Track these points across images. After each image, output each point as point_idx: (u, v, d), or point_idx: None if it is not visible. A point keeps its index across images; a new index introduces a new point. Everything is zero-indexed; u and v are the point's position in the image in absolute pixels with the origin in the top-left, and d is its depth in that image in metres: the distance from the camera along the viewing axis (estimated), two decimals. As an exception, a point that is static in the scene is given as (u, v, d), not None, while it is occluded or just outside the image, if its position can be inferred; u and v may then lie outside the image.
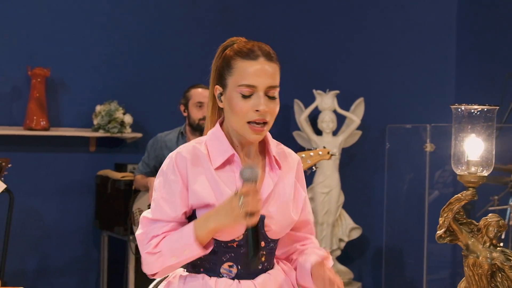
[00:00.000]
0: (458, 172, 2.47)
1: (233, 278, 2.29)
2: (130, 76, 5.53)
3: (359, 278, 6.02)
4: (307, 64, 6.08)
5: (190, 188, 2.25)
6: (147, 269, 2.26)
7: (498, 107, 2.46)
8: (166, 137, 4.65)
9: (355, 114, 5.85)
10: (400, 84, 6.17)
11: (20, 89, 5.24)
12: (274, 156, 2.37)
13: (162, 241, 2.22)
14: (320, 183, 5.75)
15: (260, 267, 2.33)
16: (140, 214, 4.73)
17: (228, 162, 2.30)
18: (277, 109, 2.31)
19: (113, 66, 5.50)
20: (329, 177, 5.73)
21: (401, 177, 5.51)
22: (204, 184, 2.24)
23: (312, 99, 5.85)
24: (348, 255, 6.01)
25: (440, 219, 2.52)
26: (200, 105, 4.51)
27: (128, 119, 5.35)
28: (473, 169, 2.44)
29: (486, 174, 2.45)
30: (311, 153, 4.35)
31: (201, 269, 2.30)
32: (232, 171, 2.29)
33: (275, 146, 2.41)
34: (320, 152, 4.34)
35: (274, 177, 2.34)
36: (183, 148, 2.30)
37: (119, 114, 5.31)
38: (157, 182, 2.30)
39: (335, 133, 5.86)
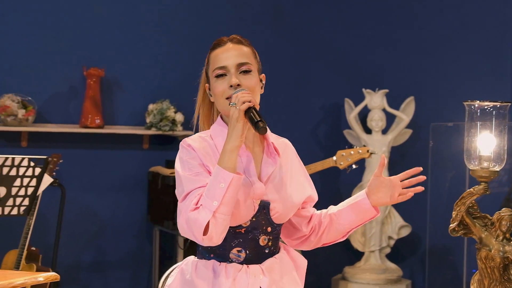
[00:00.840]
0: (470, 167, 2.54)
1: (241, 263, 2.42)
2: (182, 76, 5.69)
3: (409, 276, 6.05)
4: (357, 63, 6.14)
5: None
6: (196, 228, 2.26)
7: (510, 103, 2.50)
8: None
9: (405, 113, 5.88)
10: (451, 82, 6.16)
11: (76, 88, 5.45)
12: (272, 143, 2.52)
13: (201, 197, 2.30)
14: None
15: (267, 251, 2.46)
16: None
17: None
18: (253, 83, 2.46)
19: (165, 66, 5.67)
20: (378, 175, 5.77)
21: (444, 176, 5.52)
22: (211, 165, 2.37)
23: (362, 98, 5.91)
24: (397, 252, 6.05)
25: (453, 212, 2.59)
26: None
27: (179, 117, 5.50)
28: (485, 164, 2.50)
29: (498, 169, 2.51)
30: (351, 152, 4.44)
31: (211, 255, 2.43)
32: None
33: (274, 138, 2.57)
34: (360, 151, 4.43)
35: (273, 163, 2.49)
36: (191, 137, 2.47)
37: (171, 112, 5.47)
38: (176, 174, 2.41)
39: (384, 131, 5.90)
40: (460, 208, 2.54)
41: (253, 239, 2.42)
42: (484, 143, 2.50)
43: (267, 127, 2.32)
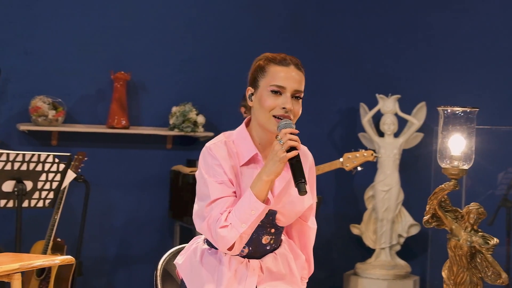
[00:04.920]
0: (442, 165, 2.83)
1: (244, 257, 2.67)
2: (204, 80, 6.01)
3: (416, 272, 6.31)
4: (372, 69, 6.40)
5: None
6: (223, 244, 2.53)
7: (478, 109, 2.78)
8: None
9: (417, 118, 6.15)
10: (461, 88, 6.41)
11: (104, 91, 5.79)
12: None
13: (229, 214, 2.52)
14: (381, 181, 6.08)
15: (268, 248, 2.71)
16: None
17: (252, 160, 2.66)
18: (300, 111, 2.66)
19: (188, 70, 5.99)
20: (389, 176, 6.06)
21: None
22: (232, 176, 2.61)
23: (376, 102, 6.18)
24: (407, 250, 6.31)
25: (427, 206, 2.87)
26: None
27: (200, 119, 5.81)
28: (455, 163, 2.79)
29: (467, 168, 2.79)
30: (357, 154, 4.74)
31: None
32: (255, 168, 2.64)
33: None
34: (365, 154, 4.72)
35: (287, 175, 2.62)
36: (216, 144, 2.65)
37: (193, 114, 5.78)
38: (199, 172, 2.62)
39: (396, 135, 6.17)
40: (433, 202, 2.83)
41: (257, 238, 2.66)
42: (455, 144, 2.78)
43: (306, 189, 2.48)
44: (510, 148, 5.81)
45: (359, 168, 4.77)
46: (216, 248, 2.67)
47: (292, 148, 2.51)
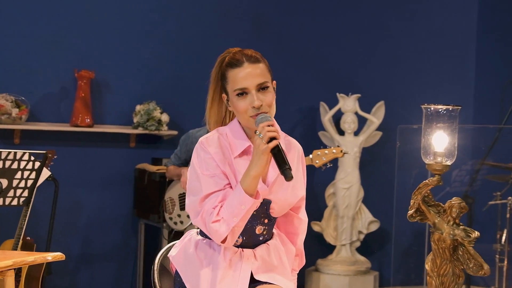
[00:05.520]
0: (426, 161, 2.93)
1: (238, 247, 2.74)
2: (168, 79, 6.04)
3: (378, 268, 6.45)
4: (332, 69, 6.51)
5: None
6: (216, 237, 2.62)
7: (460, 107, 2.90)
8: (197, 133, 5.13)
9: (376, 116, 6.28)
10: (419, 87, 6.60)
11: (68, 89, 5.77)
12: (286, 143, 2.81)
13: (222, 208, 2.61)
14: (342, 179, 6.20)
15: (261, 238, 2.78)
16: (171, 203, 5.25)
17: (245, 152, 2.73)
18: (272, 99, 2.73)
19: (152, 69, 6.01)
20: (350, 174, 6.18)
21: (409, 174, 5.95)
22: (226, 168, 2.68)
23: (336, 101, 6.29)
24: (368, 246, 6.44)
25: (411, 201, 2.97)
26: None
27: (165, 118, 5.84)
28: (439, 159, 2.89)
29: (449, 164, 2.90)
30: (326, 151, 4.83)
31: None
32: (248, 159, 2.70)
33: (282, 137, 2.81)
34: (334, 150, 4.82)
35: None
36: (210, 136, 2.75)
37: (157, 113, 5.80)
38: (192, 167, 2.70)
39: (356, 133, 6.29)
40: (417, 197, 2.92)
41: (251, 228, 2.73)
42: (438, 141, 2.89)
43: (292, 174, 2.55)
44: (462, 145, 5.99)
45: (328, 165, 4.86)
46: (210, 239, 2.73)
47: (272, 139, 2.58)
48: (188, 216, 5.11)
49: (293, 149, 2.84)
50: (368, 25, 6.60)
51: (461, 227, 2.90)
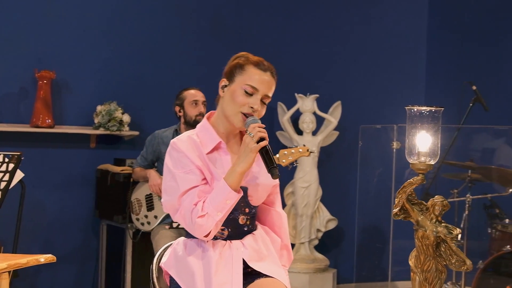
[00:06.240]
0: (410, 161, 3.02)
1: (225, 239, 2.84)
2: (128, 79, 6.04)
3: (334, 265, 6.56)
4: (291, 70, 6.60)
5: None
6: (200, 232, 2.73)
7: (443, 108, 3.00)
8: (163, 133, 5.16)
9: (333, 116, 6.40)
10: (374, 88, 6.76)
11: (28, 89, 5.72)
12: None
13: (205, 203, 2.73)
14: (300, 178, 6.29)
15: (246, 229, 2.89)
16: (137, 203, 5.26)
17: (216, 148, 2.86)
18: (263, 114, 2.89)
19: (113, 69, 6.00)
20: (308, 173, 6.28)
21: (372, 173, 6.09)
22: (200, 163, 2.79)
23: (294, 102, 6.38)
24: (325, 244, 6.55)
25: (396, 199, 3.06)
26: (195, 103, 5.05)
27: (126, 118, 5.84)
28: (422, 158, 2.99)
29: (433, 163, 3.00)
30: (292, 150, 4.91)
31: None
32: (219, 155, 2.86)
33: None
34: (300, 150, 4.89)
35: None
36: (180, 137, 2.86)
37: (118, 113, 5.79)
38: (166, 169, 2.80)
39: (314, 133, 6.39)
40: (402, 195, 3.01)
41: (234, 219, 2.85)
42: (422, 141, 2.99)
43: (274, 171, 2.73)
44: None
45: (295, 164, 4.95)
46: (196, 238, 2.82)
47: (261, 139, 2.74)
48: (155, 217, 5.14)
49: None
50: (325, 27, 6.72)
51: (443, 224, 3.01)
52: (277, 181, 2.97)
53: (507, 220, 5.42)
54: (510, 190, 5.23)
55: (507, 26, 6.24)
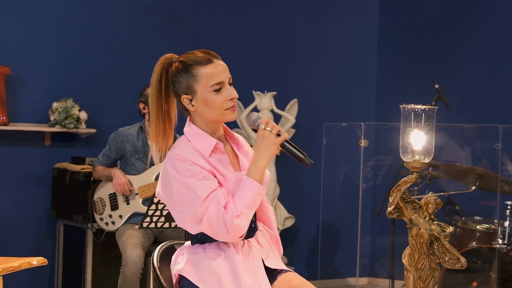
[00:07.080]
0: (405, 159, 3.03)
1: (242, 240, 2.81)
2: (85, 75, 5.91)
3: (291, 263, 6.56)
4: (248, 67, 6.57)
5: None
6: (236, 233, 2.67)
7: (437, 107, 3.02)
8: (128, 131, 5.07)
9: (290, 114, 6.39)
10: (330, 86, 6.78)
11: (-19, 86, 5.55)
12: (237, 137, 2.94)
13: (234, 205, 2.67)
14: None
15: (253, 226, 2.86)
16: (101, 203, 5.14)
17: (213, 150, 2.80)
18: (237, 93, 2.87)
19: (69, 65, 5.87)
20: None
21: (337, 170, 6.11)
22: (209, 168, 2.74)
23: (252, 99, 6.35)
24: (282, 242, 6.53)
25: (390, 198, 3.06)
26: None
27: (83, 115, 5.71)
28: (417, 157, 3.00)
29: (427, 161, 3.01)
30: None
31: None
32: (218, 156, 2.81)
33: (233, 133, 2.96)
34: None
35: (246, 156, 2.91)
36: (178, 148, 2.77)
37: (75, 110, 5.67)
38: (175, 182, 2.70)
39: (271, 130, 6.37)
40: (396, 194, 3.02)
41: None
42: (416, 139, 3.00)
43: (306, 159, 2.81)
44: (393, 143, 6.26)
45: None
46: (211, 241, 2.77)
47: (278, 133, 2.76)
48: (120, 216, 5.03)
49: (245, 141, 3.01)
50: (281, 24, 6.71)
51: (435, 222, 3.02)
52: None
53: (463, 218, 5.51)
54: (473, 187, 5.31)
55: (458, 22, 6.35)
